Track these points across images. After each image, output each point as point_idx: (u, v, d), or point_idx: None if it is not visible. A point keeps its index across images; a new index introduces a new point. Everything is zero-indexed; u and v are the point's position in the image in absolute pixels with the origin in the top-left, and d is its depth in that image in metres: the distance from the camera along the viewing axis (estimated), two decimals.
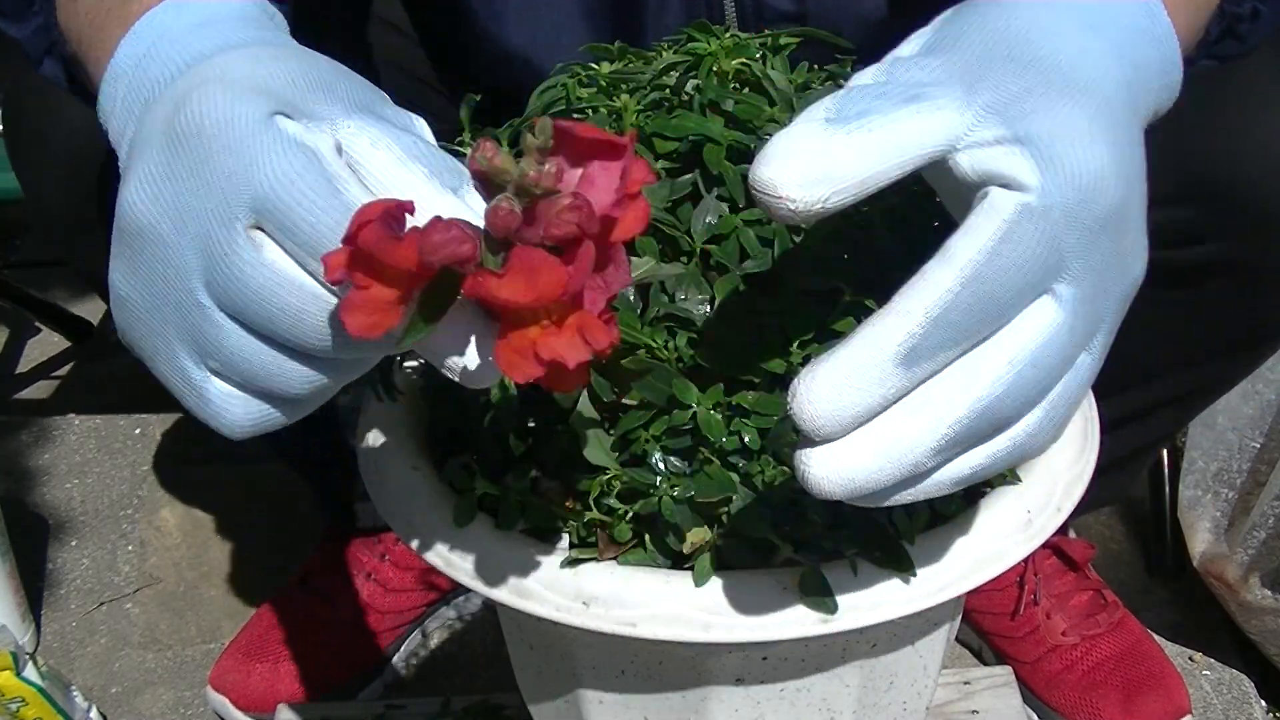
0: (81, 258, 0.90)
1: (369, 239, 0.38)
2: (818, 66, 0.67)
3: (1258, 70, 0.80)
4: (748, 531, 0.54)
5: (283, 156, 0.41)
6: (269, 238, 0.42)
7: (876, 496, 0.40)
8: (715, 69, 0.62)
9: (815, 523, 0.55)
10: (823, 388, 0.38)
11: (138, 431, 1.50)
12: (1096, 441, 0.64)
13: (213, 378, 0.44)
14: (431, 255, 0.39)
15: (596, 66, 0.65)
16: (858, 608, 0.54)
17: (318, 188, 0.41)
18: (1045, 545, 0.59)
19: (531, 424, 0.60)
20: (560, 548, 0.57)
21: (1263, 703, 1.16)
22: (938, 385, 0.39)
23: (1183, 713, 1.07)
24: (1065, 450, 0.61)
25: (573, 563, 0.56)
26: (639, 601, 0.55)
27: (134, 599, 1.31)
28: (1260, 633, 1.14)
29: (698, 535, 0.54)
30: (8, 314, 1.69)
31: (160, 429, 1.49)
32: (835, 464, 0.39)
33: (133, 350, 0.46)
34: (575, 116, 0.62)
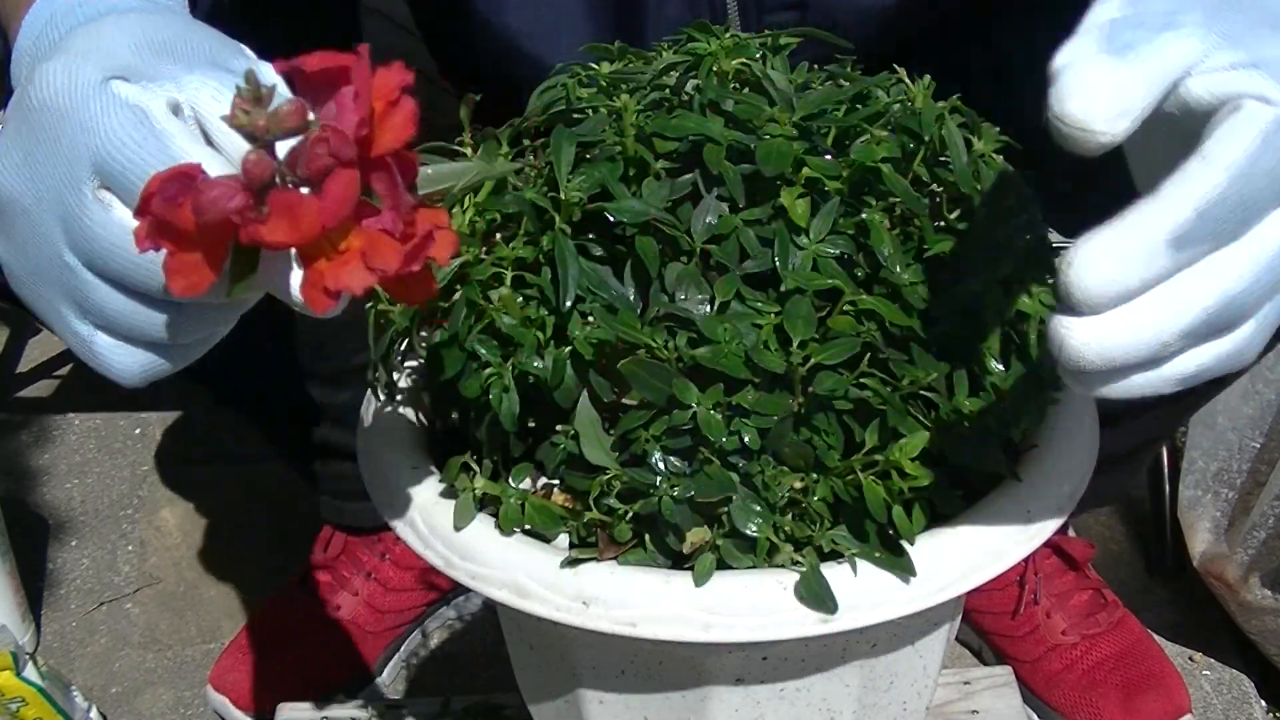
0: None
1: (156, 208, 0.40)
2: (818, 66, 0.67)
3: None
4: (748, 531, 0.54)
5: (113, 118, 0.43)
6: (116, 196, 0.44)
7: (1118, 375, 0.43)
8: (715, 69, 0.62)
9: (815, 522, 0.55)
10: (1099, 261, 0.40)
11: (138, 431, 1.50)
12: (1097, 440, 0.64)
13: (98, 332, 0.46)
14: (203, 214, 0.40)
15: (596, 66, 0.65)
16: (858, 608, 0.54)
17: (146, 146, 0.43)
18: (1045, 544, 0.59)
19: (531, 424, 0.60)
20: (560, 548, 0.57)
21: (1263, 703, 1.16)
22: (1190, 275, 0.42)
23: (1182, 712, 1.07)
24: (1065, 449, 0.61)
25: (573, 563, 0.56)
26: (639, 601, 0.55)
27: (134, 599, 1.31)
28: (1260, 633, 1.14)
29: (698, 535, 0.54)
30: (8, 314, 1.69)
31: (160, 429, 1.49)
32: (1096, 335, 0.41)
33: (32, 312, 0.49)
34: (575, 116, 0.62)
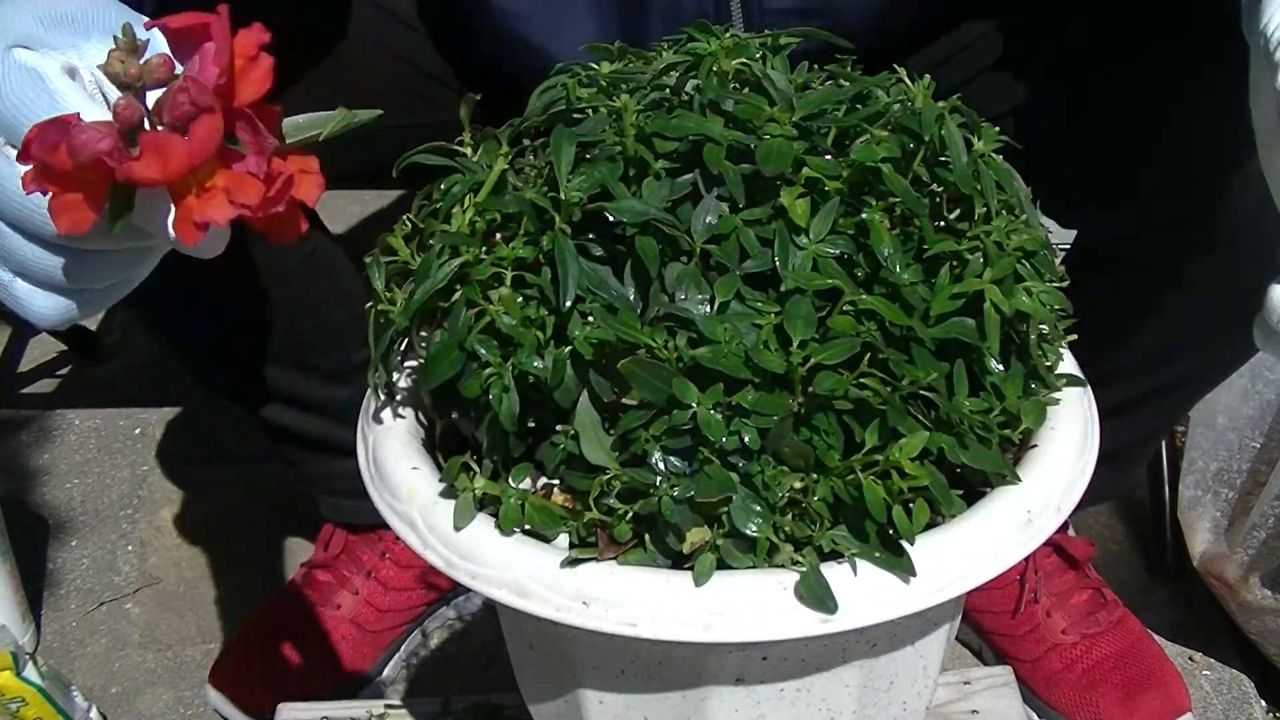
0: None
1: (36, 152, 0.45)
2: (818, 66, 0.67)
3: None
4: (748, 531, 0.54)
5: (10, 81, 0.48)
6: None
7: None
8: (715, 69, 0.62)
9: (815, 522, 0.55)
10: None
11: (138, 431, 1.50)
12: (1096, 440, 0.64)
13: (16, 278, 0.51)
14: (77, 155, 0.44)
15: (596, 66, 0.65)
16: (858, 608, 0.54)
17: (39, 104, 0.48)
18: (1045, 543, 0.59)
19: (531, 424, 0.60)
20: (560, 548, 0.57)
21: (1263, 703, 1.17)
22: None
23: (1182, 711, 1.07)
24: (1065, 449, 0.61)
25: (573, 563, 0.56)
26: (639, 601, 0.55)
27: (134, 599, 1.31)
28: (1260, 633, 1.14)
29: (698, 535, 0.54)
30: (8, 314, 1.69)
31: (160, 429, 1.49)
32: None
33: None
34: (575, 116, 0.62)
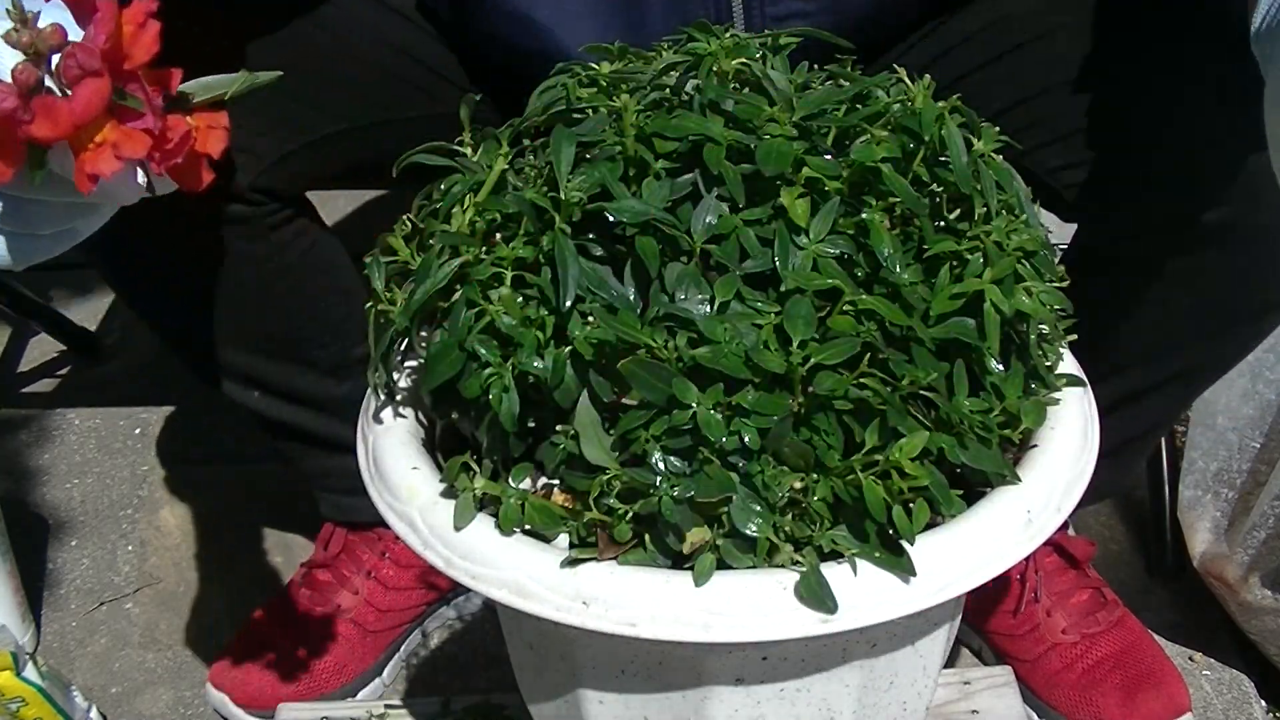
0: None
1: None
2: (818, 66, 0.67)
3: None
4: (748, 531, 0.54)
5: None
6: None
7: None
8: (715, 69, 0.62)
9: (815, 522, 0.55)
10: None
11: (138, 431, 1.50)
12: (1096, 440, 0.64)
13: None
14: None
15: (596, 66, 0.65)
16: (858, 608, 0.54)
17: None
18: (1045, 542, 0.59)
19: (531, 424, 0.60)
20: (560, 548, 0.57)
21: (1263, 703, 1.16)
22: None
23: (1182, 711, 1.07)
24: (1065, 449, 0.62)
25: (573, 563, 0.56)
26: (639, 601, 0.55)
27: (134, 599, 1.31)
28: (1260, 633, 1.14)
29: (698, 535, 0.54)
30: (8, 314, 1.69)
31: (160, 429, 1.49)
32: None
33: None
34: (575, 116, 0.63)
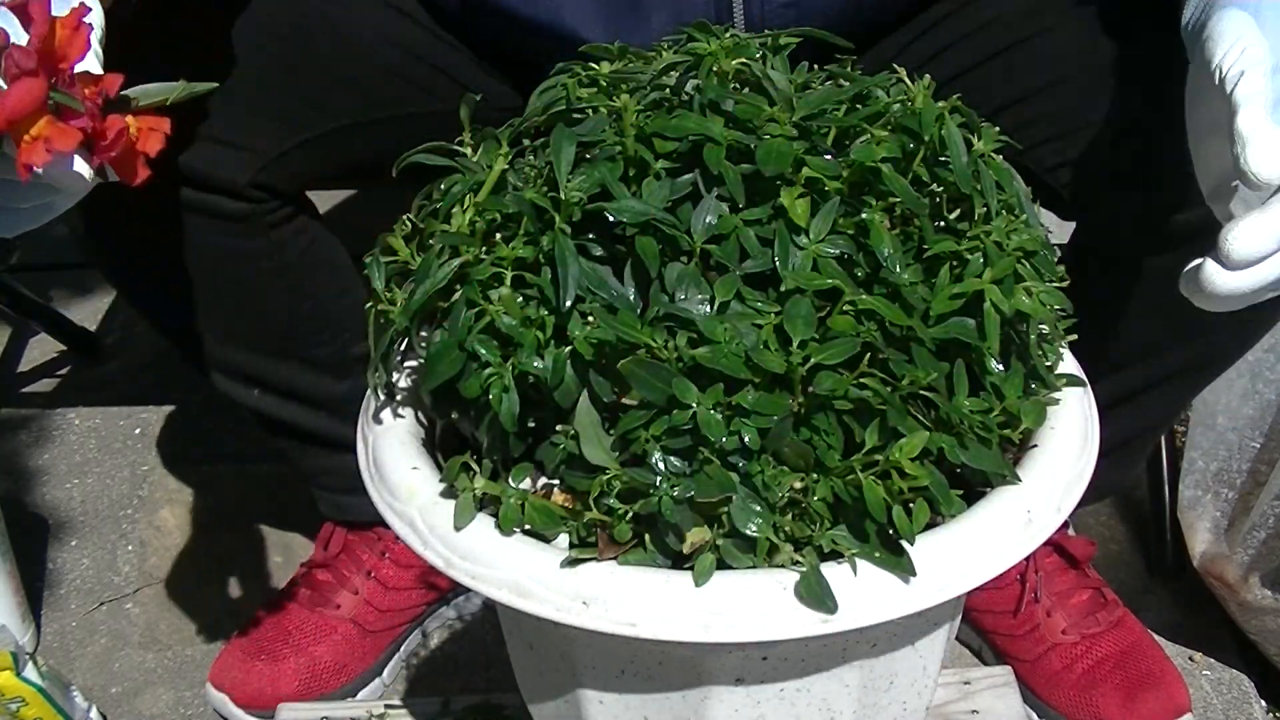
0: None
1: None
2: (818, 66, 0.67)
3: None
4: (748, 531, 0.54)
5: None
6: None
7: (1244, 299, 0.61)
8: (715, 69, 0.62)
9: (815, 522, 0.55)
10: (1247, 241, 0.58)
11: (138, 431, 1.50)
12: (1096, 440, 0.64)
13: None
14: None
15: (596, 66, 0.65)
16: (858, 608, 0.54)
17: None
18: (1046, 542, 0.59)
19: (531, 424, 0.60)
20: (560, 548, 0.57)
21: (1263, 703, 1.16)
22: None
23: (1182, 711, 1.07)
24: (1065, 449, 0.62)
25: (573, 563, 0.56)
26: (639, 601, 0.55)
27: (134, 599, 1.31)
28: (1260, 633, 1.14)
29: (698, 535, 0.54)
30: (8, 314, 1.69)
31: (160, 429, 1.49)
32: (1236, 282, 0.59)
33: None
34: (575, 116, 0.62)
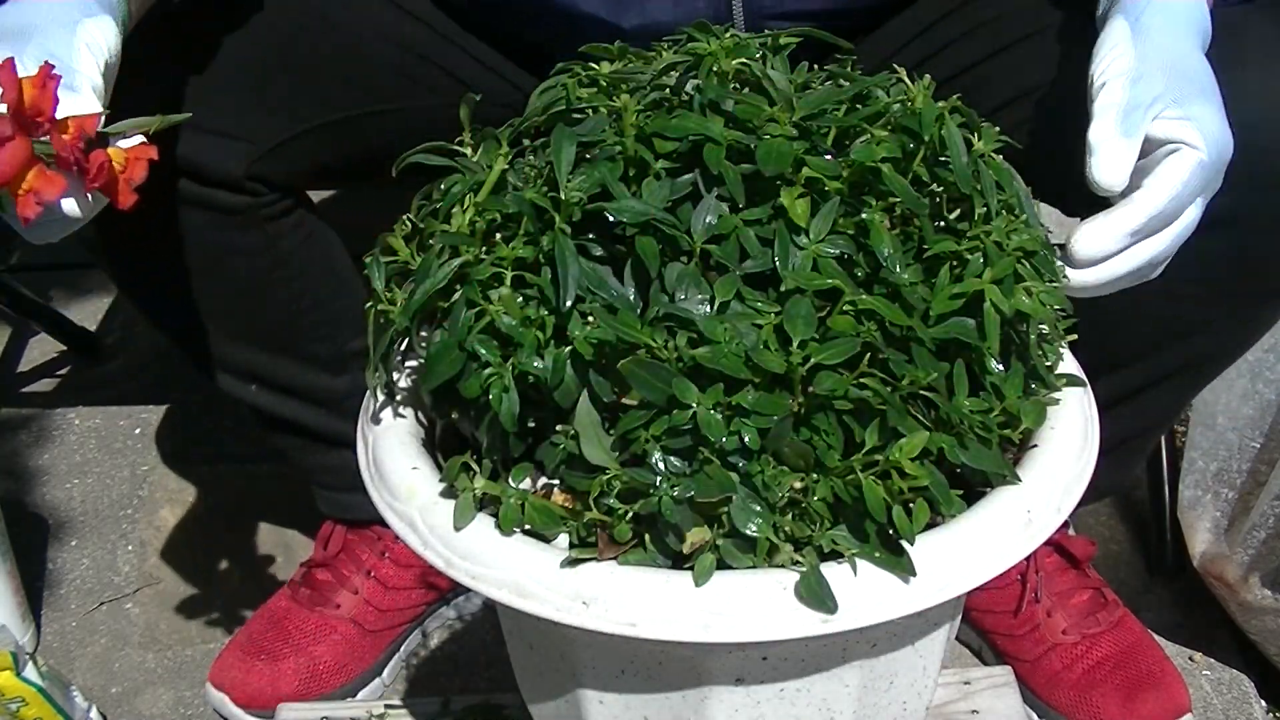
0: None
1: None
2: (818, 66, 0.67)
3: (1260, 27, 0.83)
4: (748, 531, 0.54)
5: None
6: None
7: (1099, 289, 0.68)
8: (715, 69, 0.62)
9: (815, 522, 0.55)
10: (1091, 242, 0.66)
11: (138, 431, 1.50)
12: (1096, 440, 0.64)
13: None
14: None
15: (596, 66, 0.65)
16: (858, 608, 0.54)
17: None
18: (1046, 542, 0.59)
19: (531, 424, 0.60)
20: (560, 548, 0.57)
21: (1263, 703, 1.16)
22: (1137, 248, 0.68)
23: (1182, 711, 1.07)
24: (1065, 449, 0.62)
25: (573, 563, 0.56)
26: (639, 601, 0.55)
27: (134, 599, 1.31)
28: (1260, 633, 1.14)
29: (698, 535, 0.54)
30: (8, 314, 1.69)
31: (160, 429, 1.49)
32: (1083, 277, 0.67)
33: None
34: (575, 116, 0.62)
